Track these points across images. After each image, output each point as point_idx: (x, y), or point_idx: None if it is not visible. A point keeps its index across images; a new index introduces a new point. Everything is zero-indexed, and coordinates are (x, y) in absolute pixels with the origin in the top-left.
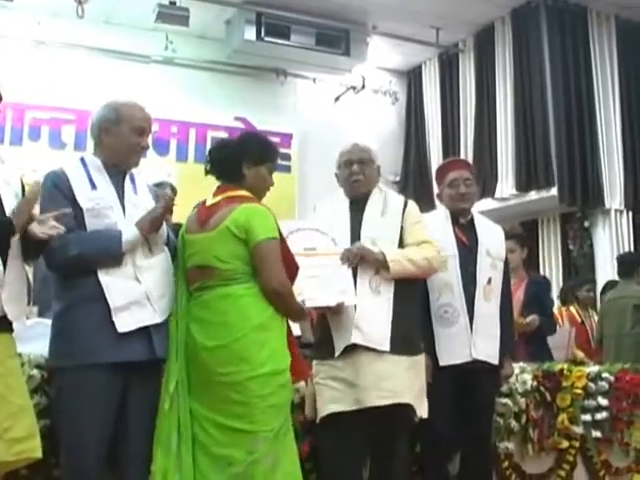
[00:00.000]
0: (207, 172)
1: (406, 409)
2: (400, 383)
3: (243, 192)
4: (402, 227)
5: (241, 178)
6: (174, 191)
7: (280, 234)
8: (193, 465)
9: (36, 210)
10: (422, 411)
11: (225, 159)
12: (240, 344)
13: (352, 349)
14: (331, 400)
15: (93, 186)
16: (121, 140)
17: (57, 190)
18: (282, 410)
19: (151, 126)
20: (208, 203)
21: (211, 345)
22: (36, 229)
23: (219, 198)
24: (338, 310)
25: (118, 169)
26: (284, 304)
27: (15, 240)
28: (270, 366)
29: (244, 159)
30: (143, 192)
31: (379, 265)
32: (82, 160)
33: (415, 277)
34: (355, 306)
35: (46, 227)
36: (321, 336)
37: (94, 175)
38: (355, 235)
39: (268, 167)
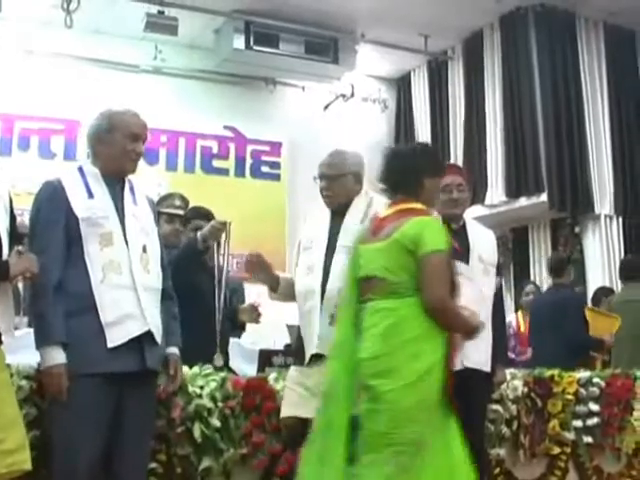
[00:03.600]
0: (381, 181)
1: None
2: None
3: (417, 205)
4: None
5: (420, 189)
6: (185, 201)
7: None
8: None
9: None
10: None
11: (406, 170)
12: (391, 357)
13: (319, 358)
14: (293, 404)
15: (90, 195)
16: (115, 148)
17: (50, 202)
18: (429, 419)
19: (146, 132)
20: (382, 215)
21: (365, 356)
22: (14, 264)
23: (392, 210)
24: None
25: (115, 178)
26: (442, 320)
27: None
28: (419, 378)
29: (425, 170)
30: (142, 203)
31: None
32: (80, 169)
33: None
34: (320, 316)
35: (26, 262)
36: (297, 343)
37: (92, 184)
38: (332, 244)
39: (440, 180)
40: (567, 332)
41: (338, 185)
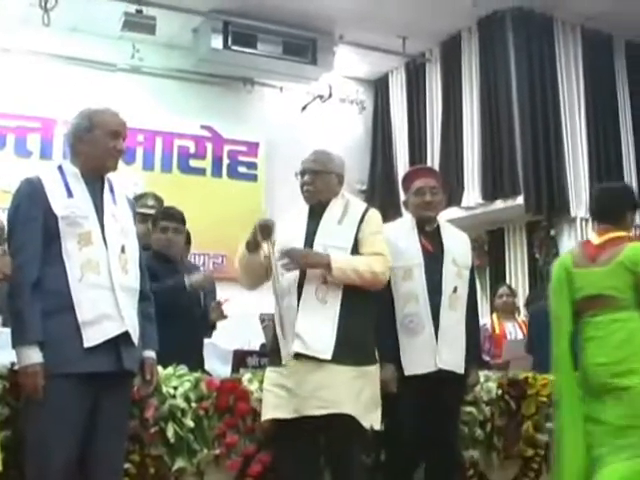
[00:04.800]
0: (593, 212)
1: (349, 419)
2: (340, 393)
3: (623, 233)
4: (358, 236)
5: (624, 220)
6: (159, 201)
7: None
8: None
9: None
10: (373, 422)
11: (616, 204)
12: (629, 360)
13: (296, 357)
14: (273, 406)
15: (69, 194)
16: (96, 145)
17: (29, 199)
18: None
19: (126, 130)
20: (595, 242)
21: (602, 361)
22: None
23: (604, 239)
24: None
25: (95, 178)
26: None
27: None
28: None
29: (629, 206)
30: (122, 203)
31: (323, 268)
32: (60, 168)
33: (358, 286)
34: (298, 315)
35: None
36: (272, 344)
37: (71, 183)
38: (309, 242)
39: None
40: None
41: (321, 181)
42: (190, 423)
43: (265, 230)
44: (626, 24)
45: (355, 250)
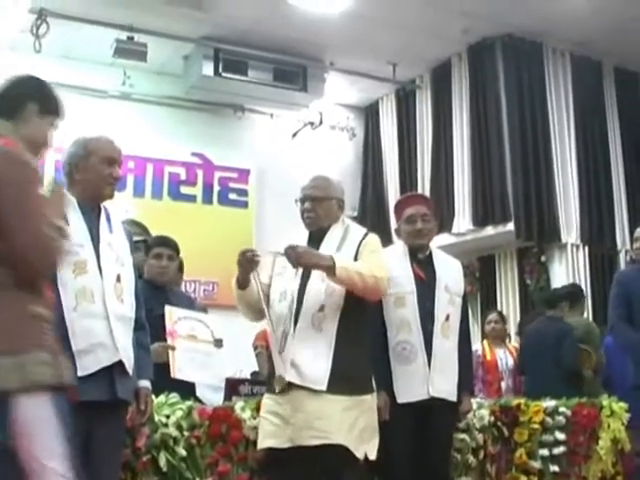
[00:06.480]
0: None
1: (342, 449)
2: (334, 423)
3: None
4: (356, 259)
5: None
6: (140, 227)
7: None
8: None
9: None
10: (368, 452)
11: None
12: None
13: (290, 386)
14: (269, 435)
15: (65, 222)
16: (92, 173)
17: None
18: None
19: (121, 157)
20: None
21: None
22: None
23: None
24: None
25: (92, 206)
26: None
27: None
28: None
29: None
30: (118, 231)
31: (325, 269)
32: None
33: (357, 291)
34: (293, 343)
35: None
36: (269, 371)
37: (67, 212)
38: (307, 271)
39: None
40: (566, 363)
41: (322, 208)
42: (182, 452)
43: (247, 263)
44: (615, 50)
45: None
